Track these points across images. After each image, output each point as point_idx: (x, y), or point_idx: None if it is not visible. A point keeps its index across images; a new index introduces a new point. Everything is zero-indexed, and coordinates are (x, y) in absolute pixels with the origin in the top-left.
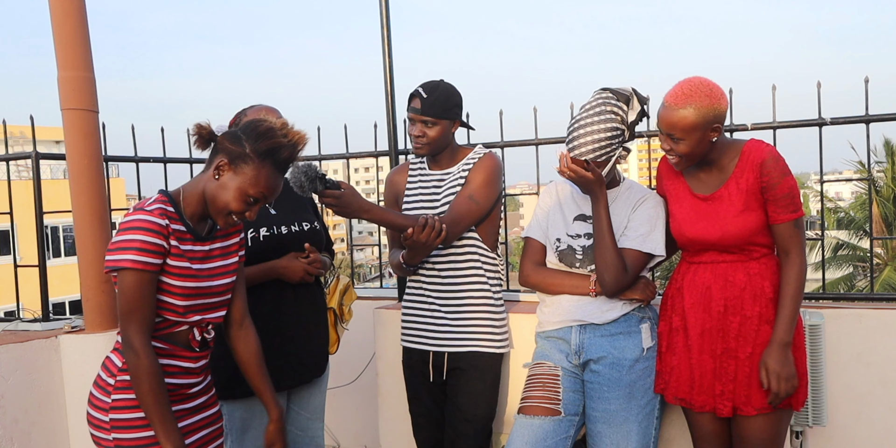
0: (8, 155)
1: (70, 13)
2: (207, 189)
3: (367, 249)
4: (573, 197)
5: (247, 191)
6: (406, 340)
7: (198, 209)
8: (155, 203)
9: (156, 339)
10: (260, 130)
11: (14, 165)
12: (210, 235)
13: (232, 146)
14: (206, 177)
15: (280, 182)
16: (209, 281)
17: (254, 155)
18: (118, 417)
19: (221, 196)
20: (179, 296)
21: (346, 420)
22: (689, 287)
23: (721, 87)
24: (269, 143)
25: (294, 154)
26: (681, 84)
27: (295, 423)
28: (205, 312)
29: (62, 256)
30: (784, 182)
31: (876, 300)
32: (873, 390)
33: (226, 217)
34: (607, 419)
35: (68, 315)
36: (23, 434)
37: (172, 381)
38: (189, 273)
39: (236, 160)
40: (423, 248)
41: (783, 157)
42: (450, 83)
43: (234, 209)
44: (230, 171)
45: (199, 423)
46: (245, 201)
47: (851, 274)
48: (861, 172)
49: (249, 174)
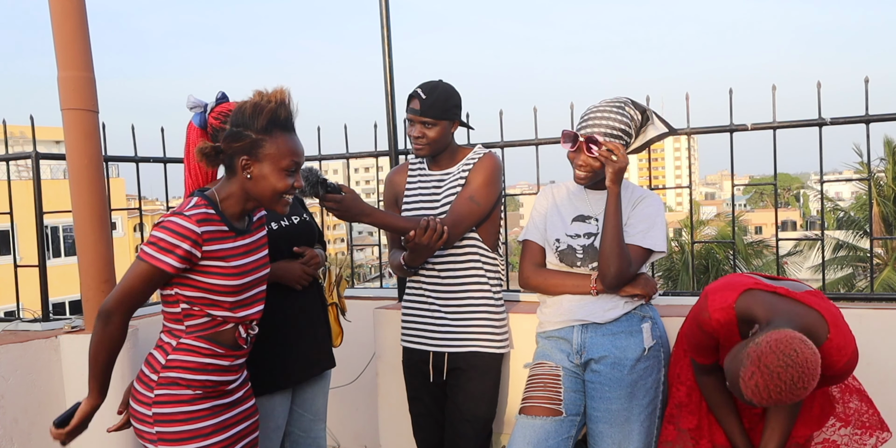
0: (8, 155)
1: (70, 13)
2: (249, 189)
3: (367, 249)
4: (570, 199)
5: (281, 167)
6: (406, 340)
7: (237, 208)
8: (196, 208)
9: (200, 339)
10: (248, 112)
11: (14, 165)
12: (249, 229)
13: (239, 143)
14: (237, 179)
15: (298, 141)
16: (251, 275)
17: (262, 134)
18: (161, 412)
19: (264, 186)
20: (227, 293)
21: (346, 420)
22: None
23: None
24: (264, 115)
25: (289, 110)
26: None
27: (297, 425)
28: (250, 307)
29: (62, 256)
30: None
31: (876, 300)
32: (873, 390)
33: (280, 200)
34: (609, 419)
35: (68, 315)
36: (23, 434)
37: (210, 378)
38: (231, 271)
39: (253, 150)
40: (425, 250)
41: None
42: (449, 83)
43: (283, 188)
44: (256, 163)
45: (236, 417)
46: (286, 177)
47: (851, 274)
48: (862, 173)
49: (272, 152)
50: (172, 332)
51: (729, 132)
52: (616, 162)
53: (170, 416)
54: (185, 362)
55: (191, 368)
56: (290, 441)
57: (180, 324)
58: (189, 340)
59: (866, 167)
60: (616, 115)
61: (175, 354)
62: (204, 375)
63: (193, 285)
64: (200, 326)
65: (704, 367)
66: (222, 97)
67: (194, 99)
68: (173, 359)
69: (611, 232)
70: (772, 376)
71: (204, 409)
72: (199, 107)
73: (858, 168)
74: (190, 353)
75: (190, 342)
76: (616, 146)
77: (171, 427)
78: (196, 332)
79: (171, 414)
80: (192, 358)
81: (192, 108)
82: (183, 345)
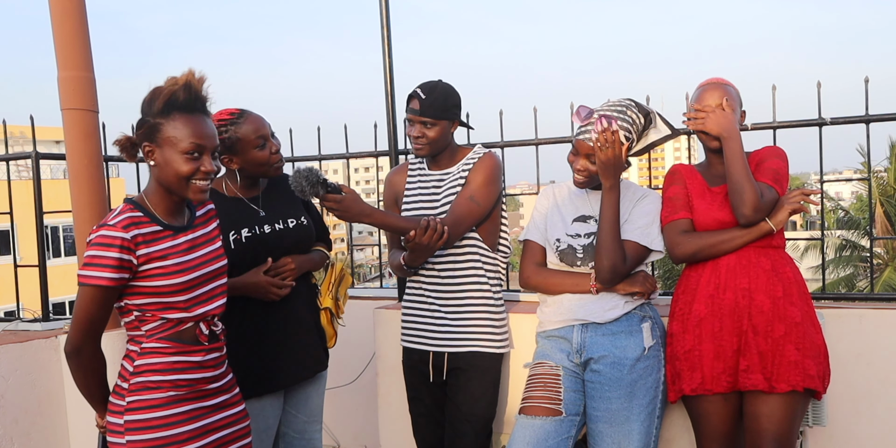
0: (8, 155)
1: (70, 13)
2: (157, 177)
3: (367, 249)
4: (571, 199)
5: (180, 149)
6: (406, 340)
7: (166, 203)
8: (119, 215)
9: (161, 341)
10: (147, 98)
11: (14, 165)
12: (190, 225)
13: (141, 130)
14: (151, 170)
15: (203, 122)
16: (201, 269)
17: (159, 118)
18: (133, 419)
19: (168, 172)
20: (178, 292)
21: (346, 420)
22: (713, 271)
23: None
24: (161, 98)
25: (193, 92)
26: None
27: (292, 426)
28: (206, 303)
29: (62, 256)
30: (773, 162)
31: (876, 300)
32: (873, 390)
33: (189, 186)
34: (608, 419)
35: (68, 315)
36: (23, 434)
37: (186, 376)
38: (174, 269)
39: (152, 136)
40: (425, 251)
41: (784, 154)
42: (448, 83)
43: (186, 172)
44: (156, 149)
45: (219, 422)
46: (188, 160)
47: (852, 274)
48: (863, 173)
49: (170, 135)
50: (134, 339)
51: None
52: (603, 153)
53: (142, 422)
54: (152, 365)
55: (159, 370)
56: (284, 442)
57: (138, 330)
58: (151, 343)
59: (867, 167)
60: (619, 114)
61: (141, 359)
62: (174, 375)
63: (140, 292)
64: (158, 329)
65: (683, 223)
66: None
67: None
68: (140, 364)
69: (605, 225)
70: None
71: (179, 413)
72: None
73: (861, 168)
74: (155, 355)
75: (153, 345)
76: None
77: (142, 435)
78: (156, 334)
79: (144, 420)
80: (158, 359)
81: None
82: (147, 349)
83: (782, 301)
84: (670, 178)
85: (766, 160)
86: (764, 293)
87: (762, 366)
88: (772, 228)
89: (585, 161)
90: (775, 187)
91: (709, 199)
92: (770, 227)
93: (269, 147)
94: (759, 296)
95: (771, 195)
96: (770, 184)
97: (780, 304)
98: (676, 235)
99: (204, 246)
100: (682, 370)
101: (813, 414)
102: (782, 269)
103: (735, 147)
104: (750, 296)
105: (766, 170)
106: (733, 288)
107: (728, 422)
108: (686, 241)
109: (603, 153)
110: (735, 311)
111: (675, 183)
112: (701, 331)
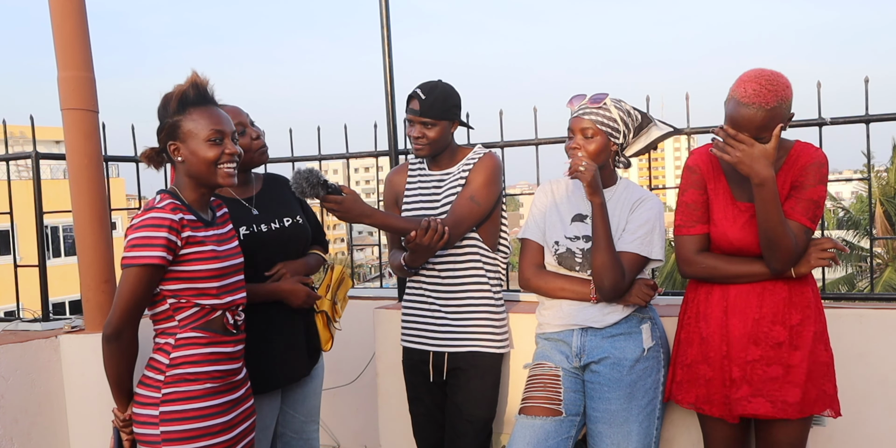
0: (8, 155)
1: (70, 13)
2: (188, 172)
3: (367, 249)
4: (569, 196)
5: (203, 138)
6: (406, 340)
7: (196, 196)
8: (164, 200)
9: (196, 330)
10: (161, 103)
11: (14, 165)
12: (214, 222)
13: (164, 133)
14: (179, 168)
15: (217, 111)
16: (232, 260)
17: (177, 116)
18: (170, 410)
19: (197, 162)
20: (212, 278)
21: (346, 420)
22: (722, 294)
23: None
24: (174, 99)
25: (201, 88)
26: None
27: (289, 426)
28: (234, 292)
29: (62, 256)
30: (816, 189)
31: (876, 300)
32: (873, 390)
33: (217, 171)
34: (608, 419)
35: (68, 315)
36: (23, 434)
37: (219, 367)
38: (212, 255)
39: (174, 134)
40: (426, 251)
41: (828, 165)
42: (448, 83)
43: (213, 157)
44: (181, 144)
45: (240, 416)
46: (212, 146)
47: (852, 274)
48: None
49: (191, 128)
50: (166, 332)
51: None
52: (584, 173)
53: (179, 413)
54: (189, 356)
55: (196, 361)
56: (281, 442)
57: (172, 320)
58: (186, 334)
59: (867, 167)
60: (612, 106)
61: (177, 351)
62: (211, 366)
63: (178, 277)
64: (192, 317)
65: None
66: None
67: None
68: (177, 356)
69: (600, 246)
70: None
71: (214, 405)
72: None
73: (862, 168)
74: (192, 347)
75: (188, 335)
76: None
77: (178, 426)
78: (189, 323)
79: (181, 411)
80: (195, 350)
81: None
82: (182, 340)
83: (797, 328)
84: (689, 178)
85: (806, 183)
86: (778, 323)
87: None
88: (793, 276)
89: (581, 137)
90: (812, 227)
91: (732, 217)
92: (791, 275)
93: (249, 133)
94: (768, 325)
95: (805, 240)
96: (807, 225)
97: (796, 331)
98: (691, 253)
99: (228, 242)
100: (683, 381)
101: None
102: (800, 291)
103: (768, 195)
104: (758, 325)
105: (806, 202)
106: (741, 316)
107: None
108: (701, 262)
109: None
110: (743, 339)
111: (695, 186)
112: (706, 352)
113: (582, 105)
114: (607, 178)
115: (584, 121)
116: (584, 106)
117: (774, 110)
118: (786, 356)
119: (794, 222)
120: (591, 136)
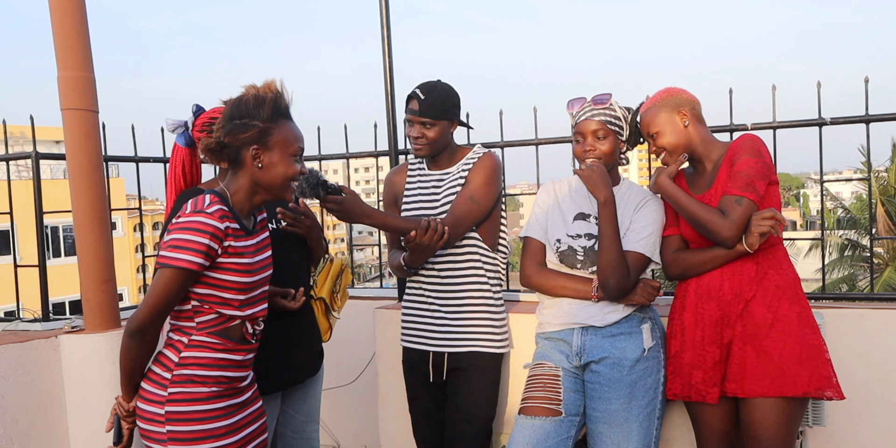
0: (8, 155)
1: (70, 13)
2: (259, 178)
3: (367, 249)
4: (572, 195)
5: (289, 152)
6: (406, 340)
7: (246, 203)
8: (212, 205)
9: (211, 335)
10: (252, 103)
11: (14, 165)
12: (255, 229)
13: (247, 134)
14: (246, 171)
15: (299, 128)
16: (260, 274)
17: (269, 123)
18: (175, 410)
19: (275, 174)
20: (238, 291)
21: (346, 420)
22: (697, 281)
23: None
24: (268, 105)
25: (285, 99)
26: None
27: (290, 426)
28: (256, 305)
29: (62, 256)
30: (744, 161)
31: (876, 300)
32: (873, 390)
33: (288, 187)
34: (608, 419)
35: (68, 315)
36: (23, 434)
37: (225, 373)
38: (245, 268)
39: (262, 139)
40: (426, 251)
41: (764, 145)
42: (447, 83)
43: (293, 174)
44: (265, 152)
45: (248, 418)
46: (294, 162)
47: (852, 274)
48: (864, 172)
49: (280, 138)
50: (182, 330)
51: (729, 132)
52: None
53: (184, 414)
54: (199, 358)
55: (205, 364)
56: (282, 442)
57: (190, 321)
58: (201, 337)
59: (867, 167)
60: (617, 106)
61: (188, 351)
62: (218, 371)
63: (207, 282)
64: (210, 323)
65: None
66: (198, 110)
67: (172, 120)
68: (187, 356)
69: (606, 243)
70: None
71: (218, 408)
72: (181, 127)
73: (862, 168)
74: (203, 349)
75: (202, 338)
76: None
77: (183, 426)
78: (206, 328)
79: (185, 413)
80: (206, 354)
81: (173, 130)
82: (195, 341)
83: (761, 308)
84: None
85: (736, 160)
86: (744, 301)
87: (740, 373)
88: (747, 250)
89: (592, 138)
90: (745, 196)
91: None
92: (745, 250)
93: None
94: (738, 305)
95: (740, 210)
96: (739, 194)
97: (759, 310)
98: (669, 254)
99: (262, 251)
100: (670, 373)
101: (813, 414)
102: (765, 273)
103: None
104: (729, 305)
105: (735, 176)
106: (716, 298)
107: (724, 423)
108: (674, 261)
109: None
110: (717, 322)
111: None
112: (685, 339)
113: (587, 107)
114: (613, 177)
115: (594, 122)
116: (591, 107)
117: (649, 111)
118: (762, 335)
119: (728, 195)
120: (603, 137)
